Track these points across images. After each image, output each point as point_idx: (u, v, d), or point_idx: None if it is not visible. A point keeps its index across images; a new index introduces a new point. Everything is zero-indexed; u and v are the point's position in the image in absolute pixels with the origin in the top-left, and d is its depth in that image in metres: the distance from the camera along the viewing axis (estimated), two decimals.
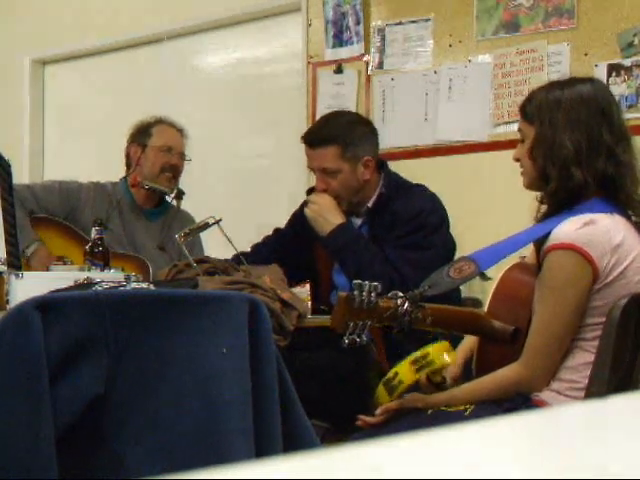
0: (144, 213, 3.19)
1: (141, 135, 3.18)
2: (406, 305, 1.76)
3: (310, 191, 2.86)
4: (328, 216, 2.67)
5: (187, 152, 3.22)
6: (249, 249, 2.99)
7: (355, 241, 2.64)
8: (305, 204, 2.79)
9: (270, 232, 4.22)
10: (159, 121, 3.23)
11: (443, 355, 1.89)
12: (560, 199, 1.84)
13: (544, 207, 1.92)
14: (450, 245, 2.73)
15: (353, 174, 2.70)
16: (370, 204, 2.76)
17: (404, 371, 1.89)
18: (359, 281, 1.77)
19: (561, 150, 1.82)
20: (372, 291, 1.74)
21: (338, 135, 2.71)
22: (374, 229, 2.73)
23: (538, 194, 1.93)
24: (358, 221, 2.78)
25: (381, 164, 2.82)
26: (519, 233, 1.91)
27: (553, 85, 1.92)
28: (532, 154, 1.89)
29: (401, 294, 1.79)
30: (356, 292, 1.74)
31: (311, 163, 2.78)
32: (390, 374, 1.92)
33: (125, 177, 3.20)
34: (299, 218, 2.92)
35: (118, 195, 3.16)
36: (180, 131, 3.23)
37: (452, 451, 0.45)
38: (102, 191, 3.16)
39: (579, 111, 1.83)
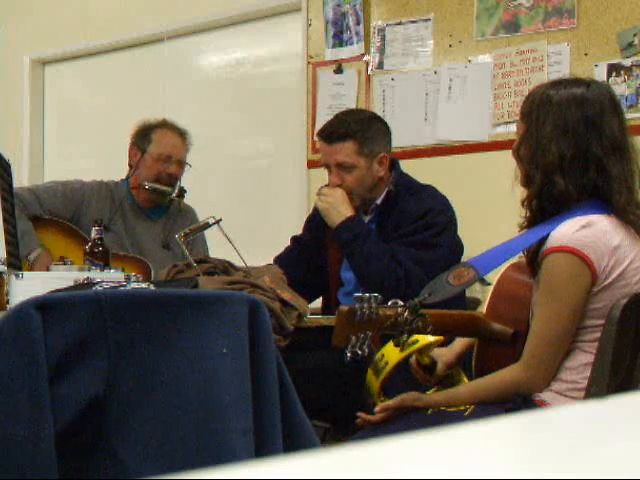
0: (146, 213, 3.19)
1: (141, 138, 3.16)
2: (406, 314, 1.76)
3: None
4: (340, 208, 2.68)
5: (188, 153, 3.21)
6: (272, 261, 2.99)
7: (365, 234, 2.65)
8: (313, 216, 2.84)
9: (270, 232, 4.24)
10: (161, 125, 3.19)
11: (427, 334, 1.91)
12: (542, 205, 1.83)
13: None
14: (457, 247, 2.72)
15: (368, 170, 2.72)
16: (379, 201, 2.77)
17: (389, 352, 1.92)
18: (359, 294, 1.76)
19: (545, 155, 1.80)
20: (373, 302, 1.74)
21: (356, 131, 2.72)
22: (382, 227, 2.74)
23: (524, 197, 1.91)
24: (366, 219, 2.79)
25: (393, 163, 2.83)
26: (517, 237, 1.91)
27: (549, 85, 1.90)
28: (519, 153, 1.88)
29: (401, 302, 1.78)
30: (357, 305, 1.73)
31: (327, 159, 2.77)
32: (377, 356, 1.94)
33: (127, 178, 3.19)
34: (313, 220, 2.93)
35: (120, 195, 3.15)
36: (182, 135, 3.19)
37: (452, 451, 0.45)
38: (105, 190, 3.15)
39: (567, 115, 1.80)
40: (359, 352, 1.74)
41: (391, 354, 1.92)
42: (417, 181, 2.86)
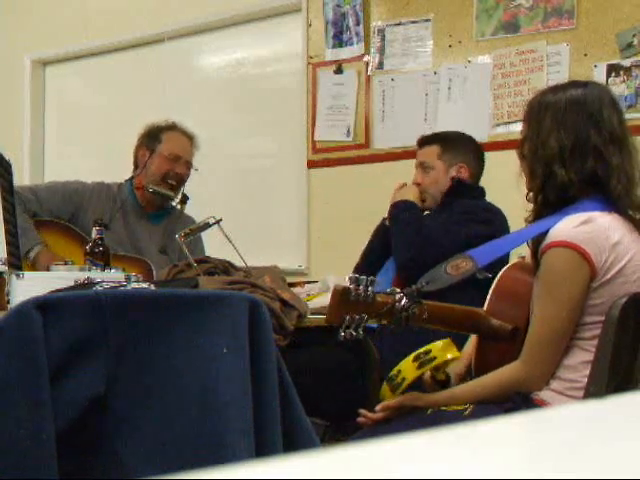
0: (147, 216, 3.19)
1: (151, 139, 3.17)
2: (404, 301, 1.76)
3: None
4: (406, 194, 2.88)
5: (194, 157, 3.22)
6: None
7: (412, 215, 2.79)
8: (384, 220, 2.98)
9: (270, 232, 4.24)
10: (171, 127, 3.20)
11: (445, 351, 1.90)
12: (547, 198, 1.85)
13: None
14: (469, 244, 2.72)
15: (445, 174, 2.90)
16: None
17: (406, 368, 1.91)
18: (355, 275, 1.78)
19: (545, 149, 1.84)
20: (369, 285, 1.74)
21: (442, 138, 2.97)
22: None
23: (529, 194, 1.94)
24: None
25: (479, 189, 2.93)
26: (517, 231, 1.93)
27: (549, 89, 1.95)
28: (521, 152, 1.91)
29: (398, 290, 1.79)
30: (352, 285, 1.74)
31: (417, 161, 3.01)
32: (393, 372, 1.94)
33: (131, 178, 3.19)
34: (379, 228, 3.02)
35: (123, 196, 3.15)
36: (190, 139, 3.21)
37: (452, 451, 0.45)
38: (107, 191, 3.15)
39: (566, 113, 1.84)
40: (354, 334, 1.75)
41: (408, 371, 1.91)
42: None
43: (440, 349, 1.90)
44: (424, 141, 2.99)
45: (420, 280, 1.81)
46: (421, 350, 1.90)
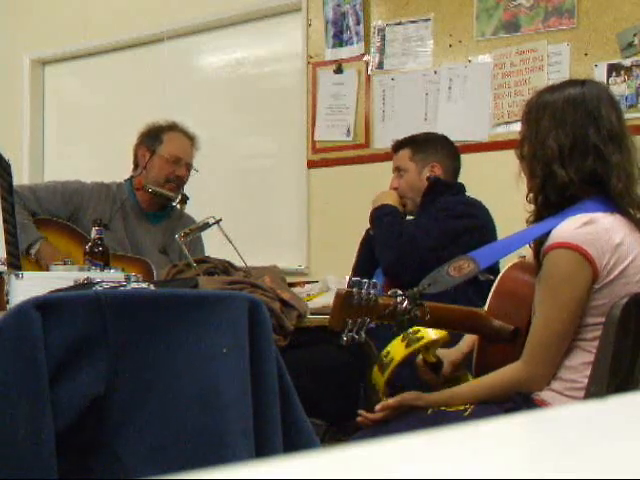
0: (147, 216, 3.19)
1: (151, 139, 3.15)
2: (405, 303, 1.76)
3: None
4: (385, 199, 2.92)
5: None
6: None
7: (393, 218, 2.81)
8: (369, 231, 3.00)
9: (270, 232, 4.22)
10: (171, 127, 3.18)
11: (432, 330, 1.93)
12: (547, 198, 1.85)
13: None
14: (447, 239, 2.72)
15: (418, 175, 2.93)
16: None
17: (395, 348, 1.95)
18: (357, 278, 1.77)
19: (545, 149, 1.84)
20: (371, 288, 1.74)
21: (412, 141, 3.00)
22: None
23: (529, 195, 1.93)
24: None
25: (457, 186, 2.94)
26: (519, 232, 1.92)
27: (547, 89, 1.94)
28: (520, 153, 1.91)
29: (400, 292, 1.79)
30: (355, 289, 1.74)
31: (393, 167, 3.05)
32: (383, 352, 1.97)
33: (130, 178, 3.19)
34: (365, 240, 3.04)
35: (122, 196, 3.14)
36: (191, 140, 3.19)
37: (452, 451, 0.45)
38: (106, 191, 3.15)
39: (564, 113, 1.84)
40: (356, 337, 1.75)
41: (396, 350, 1.95)
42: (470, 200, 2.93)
43: (427, 329, 1.93)
44: (397, 146, 3.03)
45: (422, 282, 1.80)
46: (409, 330, 1.93)
